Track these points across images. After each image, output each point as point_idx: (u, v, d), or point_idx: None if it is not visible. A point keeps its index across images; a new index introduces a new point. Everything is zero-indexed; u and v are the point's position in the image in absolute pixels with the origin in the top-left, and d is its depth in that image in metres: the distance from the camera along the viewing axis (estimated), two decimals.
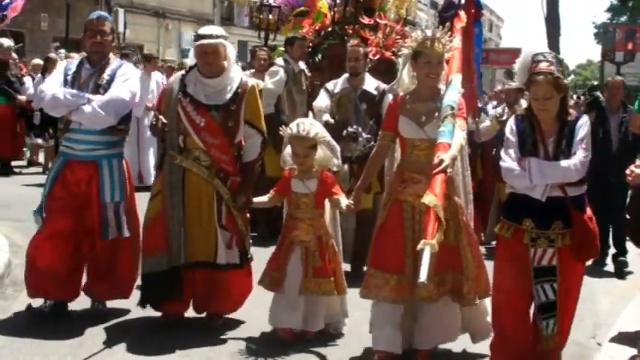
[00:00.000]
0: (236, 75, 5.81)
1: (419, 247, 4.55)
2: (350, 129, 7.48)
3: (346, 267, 7.11)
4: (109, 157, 5.93)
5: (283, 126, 5.78)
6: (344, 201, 5.69)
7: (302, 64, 9.53)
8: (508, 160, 4.93)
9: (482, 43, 9.94)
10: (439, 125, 5.12)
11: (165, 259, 5.69)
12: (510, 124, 5.07)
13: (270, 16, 11.43)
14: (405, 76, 5.47)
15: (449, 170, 5.01)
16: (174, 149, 5.72)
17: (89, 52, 5.99)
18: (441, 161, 4.89)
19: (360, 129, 7.48)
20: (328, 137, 5.77)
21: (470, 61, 6.22)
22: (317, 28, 10.16)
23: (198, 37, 5.73)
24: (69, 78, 5.89)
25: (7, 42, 13.89)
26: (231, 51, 5.77)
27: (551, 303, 4.93)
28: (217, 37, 5.69)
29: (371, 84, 7.74)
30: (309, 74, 9.55)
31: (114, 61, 6.03)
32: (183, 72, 5.95)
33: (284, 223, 5.90)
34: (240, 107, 5.74)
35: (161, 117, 5.70)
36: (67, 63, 6.07)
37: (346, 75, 7.82)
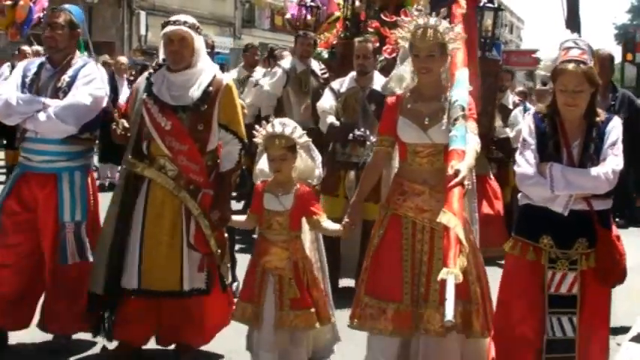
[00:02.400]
0: (207, 71, 4.76)
1: (440, 276, 3.64)
2: (357, 132, 6.47)
3: (350, 282, 6.59)
4: (71, 169, 4.92)
5: (257, 128, 4.66)
6: (329, 224, 4.63)
7: (314, 63, 8.45)
8: (525, 164, 4.10)
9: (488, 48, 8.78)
10: (449, 129, 4.17)
11: (101, 280, 4.74)
12: (529, 124, 4.22)
13: (309, 17, 10.33)
14: (405, 72, 4.52)
15: (466, 183, 3.98)
16: (136, 156, 4.73)
17: (45, 49, 5.02)
18: (457, 172, 3.92)
19: (368, 132, 6.46)
20: (308, 142, 4.70)
21: (473, 55, 5.13)
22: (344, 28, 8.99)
23: (166, 23, 4.73)
24: (27, 80, 4.90)
25: None
26: (202, 44, 4.76)
27: (568, 341, 4.10)
28: (186, 24, 4.69)
29: (380, 83, 6.69)
30: (322, 74, 8.41)
31: (78, 60, 4.99)
32: (151, 70, 4.92)
33: (255, 244, 4.79)
34: (212, 108, 4.69)
35: (122, 121, 4.75)
36: (27, 63, 5.07)
37: (353, 73, 6.78)
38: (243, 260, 5.22)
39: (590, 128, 4.07)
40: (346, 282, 6.77)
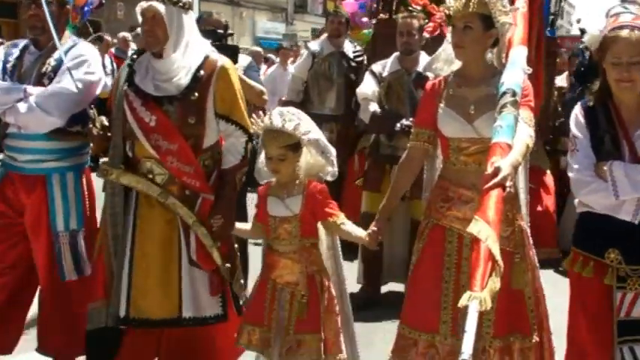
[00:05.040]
0: (197, 52, 3.80)
1: (461, 302, 2.68)
2: (405, 122, 5.43)
3: (399, 287, 5.59)
4: (62, 170, 4.02)
5: (254, 117, 3.75)
6: (351, 227, 3.68)
7: (347, 45, 7.38)
8: (578, 167, 3.23)
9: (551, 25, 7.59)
10: (495, 118, 3.19)
11: (104, 311, 3.81)
12: (576, 114, 3.32)
13: None
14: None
15: (508, 184, 3.01)
16: (115, 159, 3.80)
17: (29, 30, 4.06)
18: (497, 170, 2.96)
19: None
20: (318, 136, 3.72)
21: (540, 35, 4.10)
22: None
23: None
24: (9, 66, 4.00)
25: None
26: (186, 22, 3.76)
27: None
28: None
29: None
30: (355, 56, 7.38)
31: (67, 41, 4.06)
32: (134, 55, 3.99)
33: (263, 257, 3.89)
34: (205, 96, 3.74)
35: (101, 118, 3.84)
36: (9, 46, 4.16)
37: (397, 54, 5.73)
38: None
39: None
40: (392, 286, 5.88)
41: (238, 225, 3.90)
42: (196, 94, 3.70)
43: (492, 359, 3.34)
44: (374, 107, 5.55)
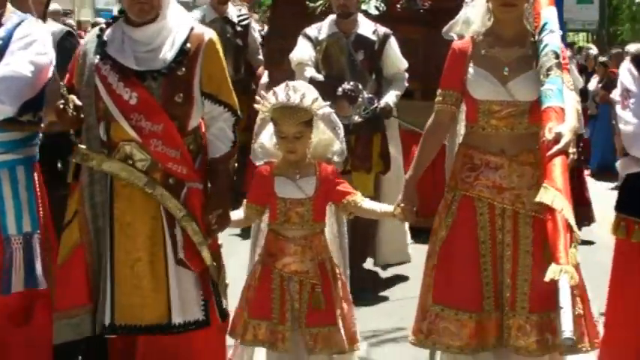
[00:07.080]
0: (182, 23, 3.35)
1: (549, 276, 2.67)
2: (346, 86, 5.11)
3: None
4: (12, 164, 3.40)
5: (261, 94, 3.51)
6: (372, 204, 3.55)
7: (231, 9, 7.09)
8: (632, 119, 3.15)
9: None
10: (542, 81, 3.09)
11: (87, 319, 3.32)
12: (628, 67, 3.26)
13: None
14: (473, 14, 3.43)
15: (571, 151, 3.03)
16: (91, 143, 3.30)
17: None
18: (559, 136, 2.90)
19: (360, 86, 5.13)
20: (330, 110, 3.51)
21: None
22: None
23: None
24: None
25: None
26: None
27: None
28: None
29: (367, 27, 5.39)
30: (239, 21, 7.10)
31: (12, 17, 3.43)
32: (102, 25, 3.45)
33: (263, 245, 3.55)
34: (193, 72, 3.29)
35: (72, 97, 3.25)
36: None
37: (332, 17, 5.39)
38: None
39: None
40: None
41: (232, 214, 3.52)
42: (183, 69, 3.25)
43: (530, 336, 3.12)
44: (311, 72, 5.18)
